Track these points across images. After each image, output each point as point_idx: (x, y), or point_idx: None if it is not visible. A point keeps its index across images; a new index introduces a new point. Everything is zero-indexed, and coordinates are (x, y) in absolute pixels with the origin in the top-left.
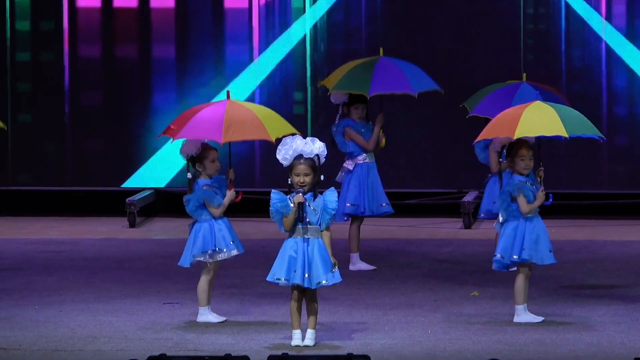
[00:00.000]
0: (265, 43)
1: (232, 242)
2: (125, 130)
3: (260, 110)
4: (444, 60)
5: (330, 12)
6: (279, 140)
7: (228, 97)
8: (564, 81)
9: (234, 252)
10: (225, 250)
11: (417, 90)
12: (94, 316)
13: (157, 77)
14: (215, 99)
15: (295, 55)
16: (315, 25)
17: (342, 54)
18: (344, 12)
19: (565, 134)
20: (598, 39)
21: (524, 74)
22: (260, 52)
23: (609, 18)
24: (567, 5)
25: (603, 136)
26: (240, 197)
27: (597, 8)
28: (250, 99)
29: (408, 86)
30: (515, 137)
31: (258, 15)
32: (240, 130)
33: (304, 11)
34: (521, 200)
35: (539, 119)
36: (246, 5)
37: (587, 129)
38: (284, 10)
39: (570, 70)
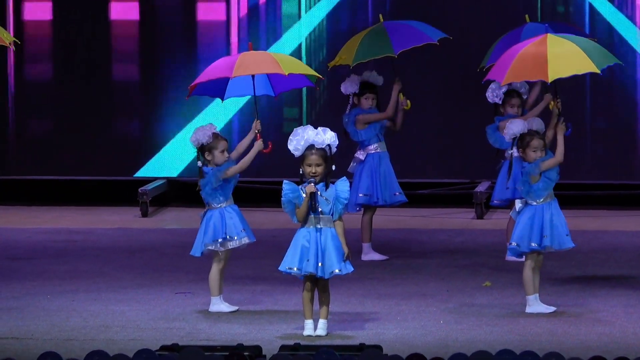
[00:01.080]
0: None
1: (243, 230)
2: (137, 120)
3: (278, 54)
4: (456, 55)
5: (330, 16)
6: (291, 75)
7: (250, 48)
8: (587, 90)
9: (245, 241)
10: (236, 238)
11: (436, 38)
12: (106, 305)
13: (118, 102)
14: (190, 124)
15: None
16: (312, 32)
17: None
18: (347, 14)
19: (596, 70)
20: (632, 51)
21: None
22: None
23: None
24: (592, 7)
25: (620, 62)
26: (270, 147)
27: (631, 18)
28: (229, 124)
29: (426, 37)
30: (550, 80)
31: (238, 28)
32: (252, 65)
33: (299, 17)
34: (547, 162)
35: (566, 55)
36: (223, 17)
37: (608, 58)
38: (273, 19)
39: (596, 83)
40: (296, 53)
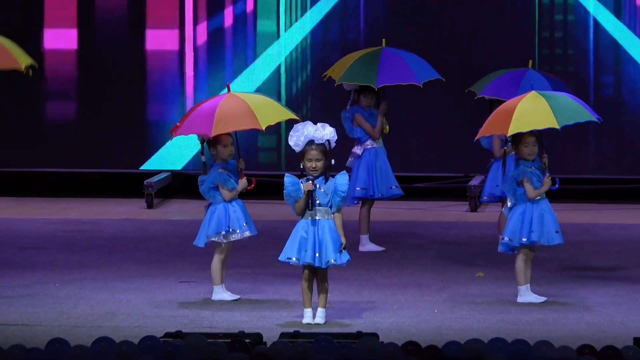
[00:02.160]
0: (203, 93)
1: (246, 223)
2: (143, 114)
3: (255, 100)
4: (452, 51)
5: (316, 31)
6: (270, 128)
7: (228, 90)
8: (591, 88)
9: (247, 234)
10: (238, 231)
11: (422, 81)
12: (112, 294)
13: (52, 143)
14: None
15: (264, 92)
16: (294, 50)
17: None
18: (338, 23)
19: (556, 126)
20: (634, 62)
21: (530, 61)
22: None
23: None
24: (595, 21)
25: (598, 118)
26: (254, 184)
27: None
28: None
29: (413, 77)
30: (508, 135)
31: (193, 59)
32: (230, 121)
33: (277, 36)
34: (527, 185)
35: (532, 112)
36: (175, 47)
37: (579, 116)
38: (242, 42)
39: (598, 84)
40: (275, 75)
